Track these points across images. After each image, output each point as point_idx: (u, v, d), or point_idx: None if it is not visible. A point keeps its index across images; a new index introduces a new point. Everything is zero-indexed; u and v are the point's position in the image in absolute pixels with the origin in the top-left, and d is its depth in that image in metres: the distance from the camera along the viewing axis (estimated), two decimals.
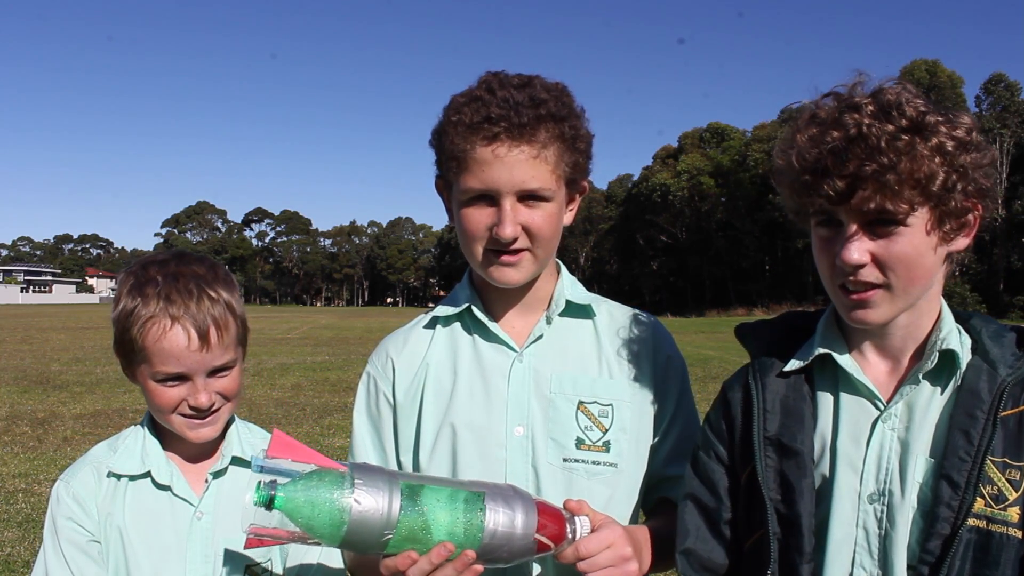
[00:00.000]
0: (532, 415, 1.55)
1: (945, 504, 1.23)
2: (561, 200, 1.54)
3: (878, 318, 1.29)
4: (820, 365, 1.39)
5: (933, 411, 1.30)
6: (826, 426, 1.36)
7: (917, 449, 1.28)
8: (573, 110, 1.52)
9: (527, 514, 1.27)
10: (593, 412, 1.56)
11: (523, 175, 1.45)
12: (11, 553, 5.77)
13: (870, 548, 1.29)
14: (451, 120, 1.49)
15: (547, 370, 1.58)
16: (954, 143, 1.22)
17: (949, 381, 1.31)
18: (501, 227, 1.47)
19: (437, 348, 1.65)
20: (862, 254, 1.24)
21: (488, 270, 1.54)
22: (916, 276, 1.26)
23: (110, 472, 1.58)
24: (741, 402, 1.42)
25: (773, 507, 1.33)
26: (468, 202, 1.50)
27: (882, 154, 1.19)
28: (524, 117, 1.44)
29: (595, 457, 1.54)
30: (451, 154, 1.49)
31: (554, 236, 1.55)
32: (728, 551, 1.41)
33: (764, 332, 1.48)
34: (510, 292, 1.61)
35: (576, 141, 1.51)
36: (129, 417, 11.18)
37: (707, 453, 1.46)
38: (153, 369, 1.52)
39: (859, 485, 1.31)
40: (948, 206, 1.22)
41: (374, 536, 1.20)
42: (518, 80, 1.50)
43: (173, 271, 1.56)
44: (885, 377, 1.36)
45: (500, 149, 1.44)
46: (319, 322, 44.08)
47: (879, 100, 1.24)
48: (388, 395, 1.66)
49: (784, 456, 1.35)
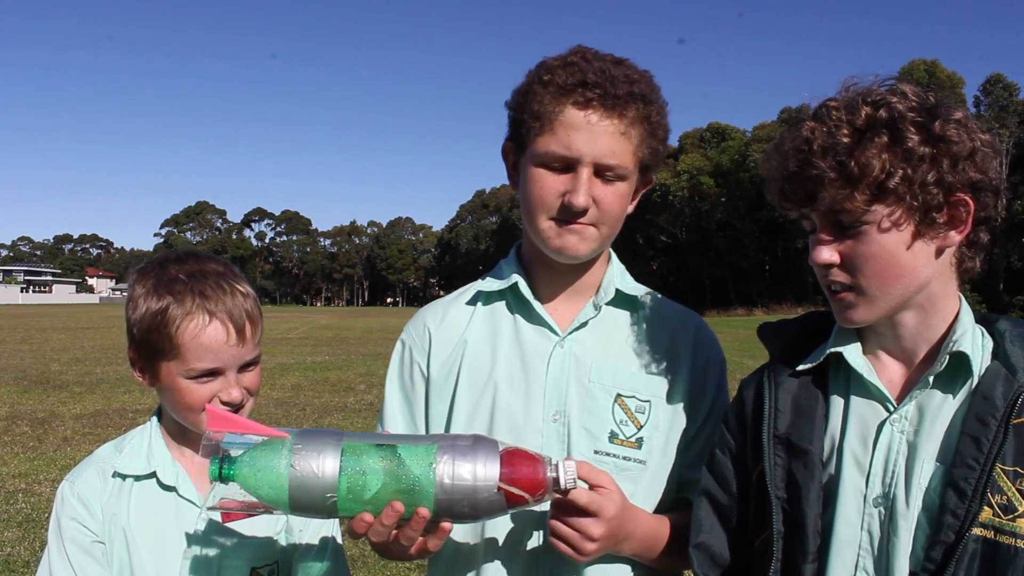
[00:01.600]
0: (569, 403, 1.52)
1: (950, 512, 1.20)
2: (633, 183, 1.51)
3: (860, 318, 1.29)
4: (834, 366, 1.38)
5: (944, 415, 1.27)
6: (836, 427, 1.34)
7: (925, 453, 1.26)
8: (660, 98, 1.50)
9: (487, 463, 1.21)
10: (630, 407, 1.52)
11: (606, 148, 1.42)
12: (11, 553, 5.76)
13: (873, 551, 1.27)
14: (541, 79, 1.45)
15: (588, 358, 1.54)
16: (920, 136, 1.20)
17: (963, 385, 1.27)
18: (575, 195, 1.42)
19: (477, 325, 1.61)
20: (830, 254, 1.26)
21: (550, 238, 1.49)
22: (889, 275, 1.24)
23: (115, 472, 1.58)
24: (753, 400, 1.42)
25: (779, 506, 1.33)
26: (543, 164, 1.46)
27: (825, 157, 1.21)
28: (619, 90, 1.41)
29: (626, 452, 1.51)
30: (536, 114, 1.44)
31: (620, 217, 1.51)
32: (740, 548, 1.40)
33: (784, 332, 1.48)
34: (560, 273, 1.57)
35: (658, 129, 1.49)
36: (129, 417, 11.17)
37: (722, 450, 1.45)
38: (187, 366, 1.50)
39: (865, 487, 1.29)
40: (915, 201, 1.20)
41: (318, 498, 1.19)
42: (611, 57, 1.48)
43: (195, 269, 1.55)
44: (898, 379, 1.34)
45: (592, 116, 1.41)
46: (319, 322, 44.08)
47: (845, 102, 1.25)
48: (423, 367, 1.61)
49: (793, 456, 1.33)
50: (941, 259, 1.28)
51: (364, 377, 16.20)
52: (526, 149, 1.49)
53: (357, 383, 15.22)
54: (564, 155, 1.43)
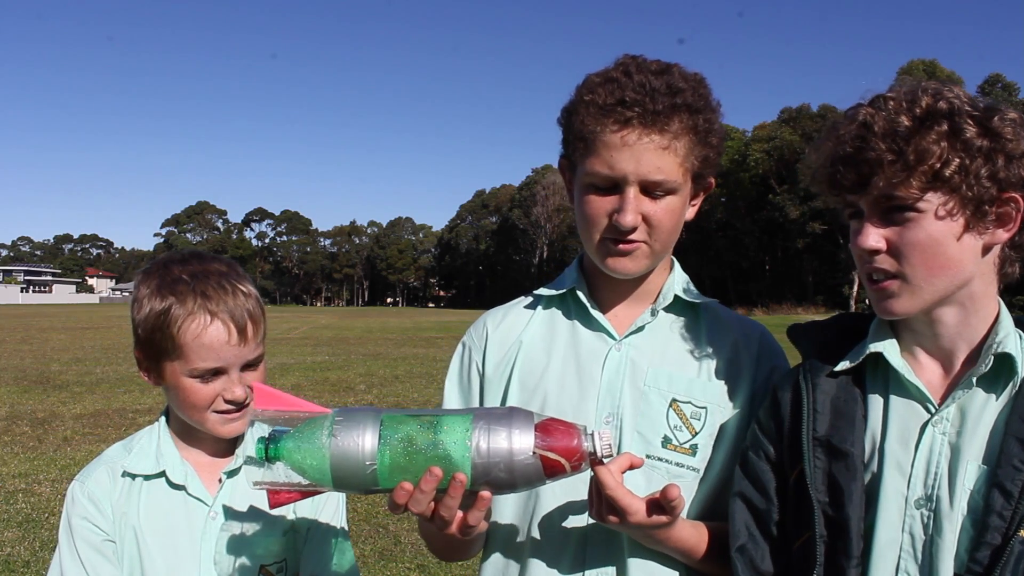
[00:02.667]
0: (623, 406, 1.50)
1: (996, 513, 1.19)
2: (686, 194, 1.49)
3: (901, 308, 1.28)
4: (872, 366, 1.36)
5: (988, 417, 1.26)
6: (876, 428, 1.33)
7: (969, 455, 1.24)
8: (709, 103, 1.47)
9: (522, 430, 1.22)
10: (685, 412, 1.50)
11: (650, 165, 1.41)
12: (11, 553, 5.76)
13: (915, 554, 1.26)
14: (583, 99, 1.45)
15: (644, 363, 1.53)
16: (977, 129, 1.21)
17: (1006, 386, 1.26)
18: (622, 215, 1.42)
19: (533, 328, 1.62)
20: (876, 240, 1.25)
21: (604, 259, 1.50)
22: (935, 265, 1.24)
23: (125, 472, 1.59)
24: (791, 402, 1.39)
25: (820, 509, 1.30)
26: (591, 187, 1.46)
27: (884, 139, 1.22)
28: (659, 104, 1.39)
29: (679, 459, 1.48)
30: (579, 134, 1.45)
31: (674, 230, 1.50)
32: (778, 552, 1.38)
33: (816, 333, 1.46)
34: (620, 283, 1.56)
35: (709, 135, 1.46)
36: (129, 417, 11.17)
37: (756, 453, 1.42)
38: (190, 366, 1.52)
39: (906, 489, 1.28)
40: (969, 192, 1.21)
41: (359, 469, 1.21)
42: (656, 66, 1.45)
43: (198, 269, 1.57)
44: (938, 380, 1.33)
45: (630, 136, 1.40)
46: (319, 322, 44.07)
47: (904, 95, 1.26)
48: (479, 365, 1.63)
49: (833, 458, 1.32)
50: (986, 257, 1.27)
51: (364, 377, 16.21)
52: (576, 169, 1.51)
53: (357, 383, 15.22)
54: (609, 175, 1.43)
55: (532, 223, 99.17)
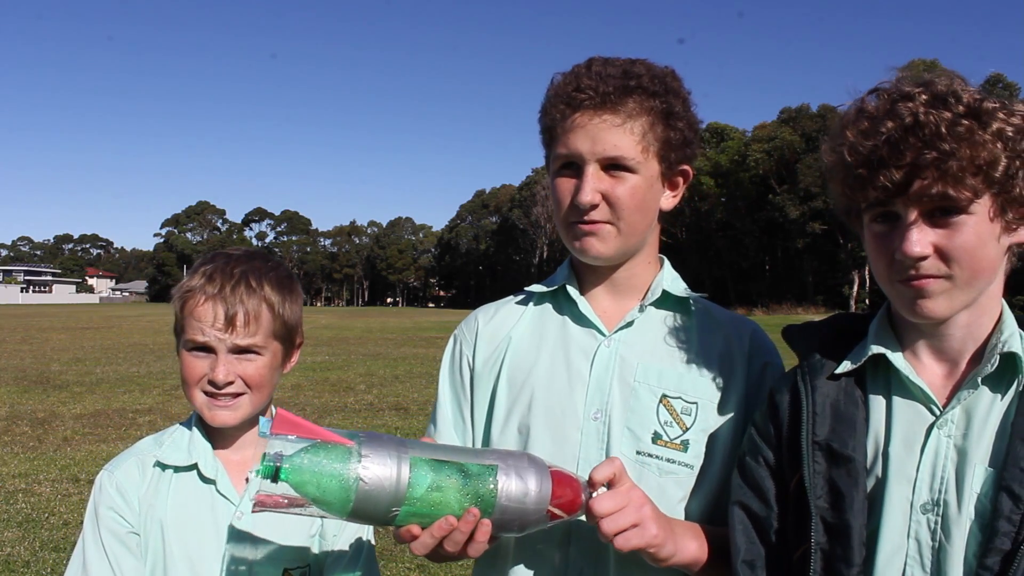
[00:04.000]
0: (612, 401, 1.51)
1: (1005, 517, 1.16)
2: (651, 176, 1.49)
3: (942, 310, 1.22)
4: (872, 368, 1.33)
5: (993, 418, 1.23)
6: (878, 432, 1.29)
7: (975, 458, 1.21)
8: (672, 89, 1.49)
9: (541, 485, 1.26)
10: (676, 408, 1.50)
11: (606, 143, 1.44)
12: (11, 553, 5.76)
13: (922, 561, 1.22)
14: (548, 94, 1.52)
15: (634, 358, 1.53)
16: (1013, 129, 1.18)
17: (1010, 387, 1.23)
18: (581, 192, 1.45)
19: (524, 324, 1.64)
20: (924, 246, 1.18)
21: (572, 242, 1.53)
22: (980, 267, 1.20)
23: (157, 462, 1.61)
24: (789, 405, 1.36)
25: (819, 516, 1.27)
26: (558, 171, 1.51)
27: (942, 140, 1.15)
28: (610, 87, 1.44)
29: (670, 455, 1.48)
30: (545, 126, 1.53)
31: (638, 210, 1.49)
32: (779, 561, 1.34)
33: (813, 334, 1.42)
34: (603, 275, 1.58)
35: (670, 118, 1.48)
36: (129, 417, 11.17)
37: (754, 459, 1.39)
38: (186, 336, 1.59)
39: (911, 494, 1.24)
40: (1011, 193, 1.18)
41: (381, 510, 1.20)
42: (622, 61, 1.51)
43: (233, 258, 1.65)
44: (941, 381, 1.29)
45: (582, 118, 1.45)
46: (319, 322, 44.02)
47: (931, 89, 1.20)
48: (470, 359, 1.65)
49: (834, 463, 1.28)
50: (1005, 256, 1.25)
51: (364, 377, 16.20)
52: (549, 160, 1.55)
53: (357, 383, 15.21)
54: (567, 154, 1.48)
55: (532, 223, 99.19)
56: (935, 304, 1.22)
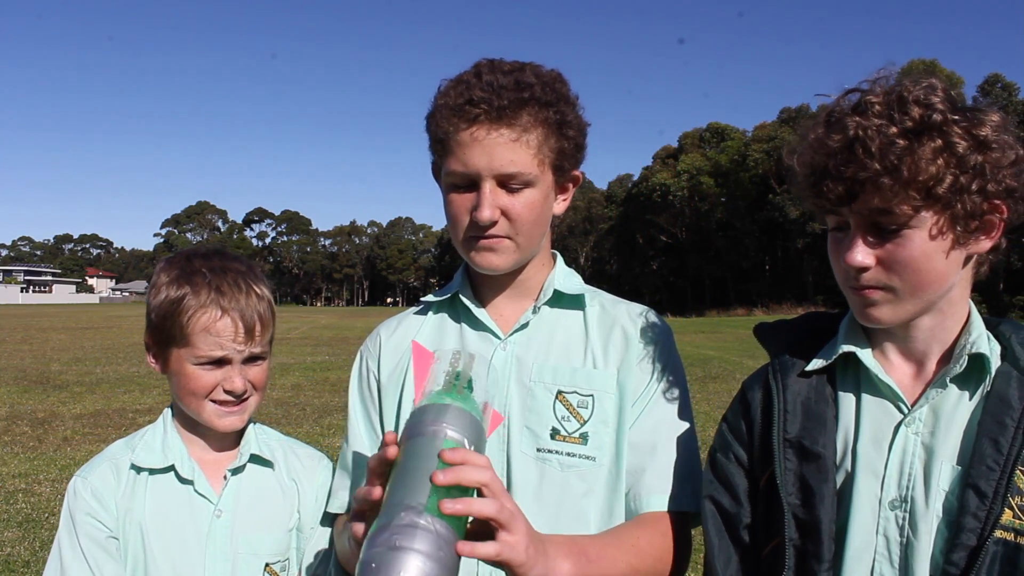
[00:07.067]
0: (510, 403, 1.53)
1: (971, 514, 1.18)
2: (546, 187, 1.51)
3: (887, 317, 1.26)
4: (842, 366, 1.35)
5: (960, 417, 1.25)
6: (848, 428, 1.31)
7: (943, 455, 1.24)
8: (563, 96, 1.49)
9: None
10: (572, 402, 1.51)
11: (502, 159, 1.43)
12: (11, 553, 5.76)
13: (890, 557, 1.25)
14: (438, 103, 1.49)
15: (529, 359, 1.55)
16: (969, 143, 1.18)
17: (978, 387, 1.26)
18: (479, 210, 1.45)
19: (424, 333, 1.65)
20: (865, 256, 1.22)
21: (470, 255, 1.53)
22: (925, 280, 1.22)
23: (132, 465, 1.59)
24: (761, 402, 1.38)
25: (791, 512, 1.29)
26: (453, 186, 1.50)
27: (879, 158, 1.17)
28: (505, 100, 1.42)
29: (570, 449, 1.49)
30: (436, 136, 1.50)
31: (536, 223, 1.51)
32: (748, 557, 1.35)
33: (784, 332, 1.44)
34: (498, 280, 1.60)
35: (563, 127, 1.48)
36: (129, 417, 11.17)
37: (725, 455, 1.41)
38: (196, 353, 1.55)
39: (880, 491, 1.26)
40: (956, 209, 1.18)
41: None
42: (509, 66, 1.48)
43: (219, 265, 1.61)
44: (909, 380, 1.31)
45: (479, 132, 1.43)
46: (319, 322, 44.06)
47: (888, 99, 1.21)
48: (375, 372, 1.66)
49: (804, 459, 1.30)
50: (967, 264, 1.26)
51: None
52: (441, 171, 1.53)
53: None
54: (464, 172, 1.46)
55: None
56: (880, 312, 1.26)
